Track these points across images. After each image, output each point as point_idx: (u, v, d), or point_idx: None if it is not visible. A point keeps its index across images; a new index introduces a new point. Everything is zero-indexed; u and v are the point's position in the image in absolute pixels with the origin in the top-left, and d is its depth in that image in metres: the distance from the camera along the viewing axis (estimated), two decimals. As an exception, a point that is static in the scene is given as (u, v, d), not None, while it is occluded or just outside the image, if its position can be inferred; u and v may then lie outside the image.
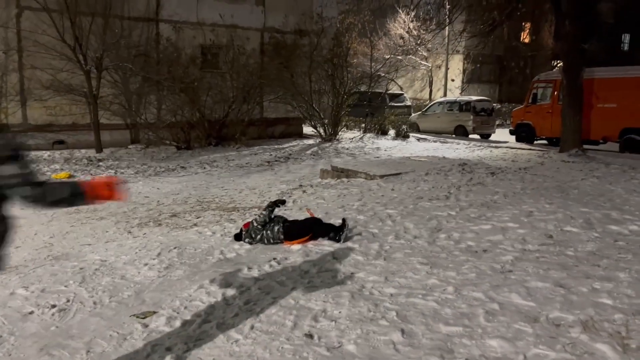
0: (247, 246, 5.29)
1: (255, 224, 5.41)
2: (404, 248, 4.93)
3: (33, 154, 13.93)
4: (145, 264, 4.75)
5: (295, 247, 5.11)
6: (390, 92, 25.61)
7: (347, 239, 5.24)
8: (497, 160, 13.22)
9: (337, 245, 5.12)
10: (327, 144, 17.53)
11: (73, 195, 2.38)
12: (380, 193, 8.67)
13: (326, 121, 18.80)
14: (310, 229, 5.38)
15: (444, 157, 12.90)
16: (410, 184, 9.36)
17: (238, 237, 5.57)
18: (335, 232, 5.34)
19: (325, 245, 5.11)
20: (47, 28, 13.84)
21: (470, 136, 20.89)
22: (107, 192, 2.41)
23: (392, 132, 20.32)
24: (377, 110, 22.48)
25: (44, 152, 14.35)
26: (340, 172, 10.99)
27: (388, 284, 3.94)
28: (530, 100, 18.58)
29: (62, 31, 13.76)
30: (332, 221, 5.75)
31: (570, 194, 7.81)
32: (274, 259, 4.77)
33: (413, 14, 22.60)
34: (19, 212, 7.59)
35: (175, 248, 5.34)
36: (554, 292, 3.62)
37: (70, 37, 13.89)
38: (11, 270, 4.94)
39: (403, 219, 6.18)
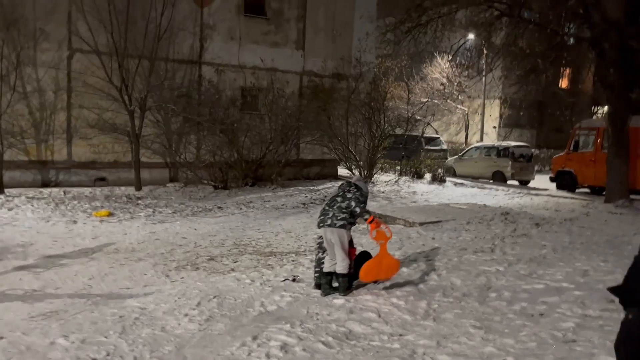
0: (288, 298, 5.13)
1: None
2: (454, 307, 4.69)
3: (75, 190, 14.24)
4: (186, 315, 4.63)
5: (338, 302, 4.93)
6: (426, 135, 25.47)
7: None
8: (539, 210, 12.78)
9: (381, 301, 4.91)
10: (363, 187, 17.38)
11: None
12: (420, 242, 8.45)
13: (361, 163, 18.71)
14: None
15: (484, 205, 12.57)
16: (451, 233, 9.11)
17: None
18: None
19: (369, 301, 4.92)
20: (96, 70, 14.35)
21: (509, 182, 20.43)
22: None
23: (428, 176, 20.05)
24: (413, 154, 22.31)
25: (86, 188, 14.64)
26: (378, 218, 10.79)
27: (441, 349, 3.71)
28: (571, 148, 18.11)
29: (110, 73, 14.24)
30: None
31: (623, 251, 7.41)
32: (317, 313, 4.59)
33: (451, 59, 22.66)
34: (60, 250, 7.59)
35: (215, 297, 5.22)
36: (625, 369, 3.32)
37: (118, 78, 14.35)
38: (52, 315, 4.90)
39: (449, 274, 5.93)
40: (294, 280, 5.81)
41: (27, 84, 14.15)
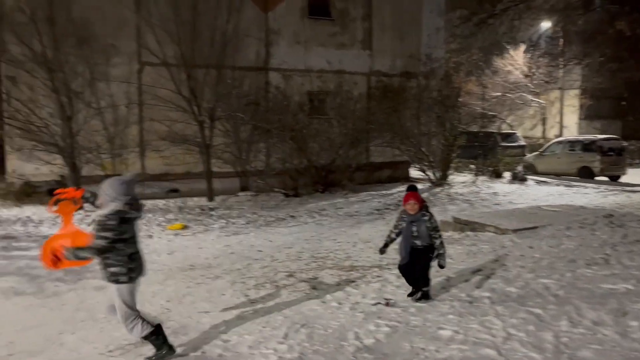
0: (385, 328, 4.52)
1: None
2: (589, 342, 3.90)
3: (150, 202, 14.30)
4: (274, 351, 4.13)
5: (445, 333, 4.26)
6: (501, 131, 24.10)
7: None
8: (643, 209, 11.47)
9: (494, 331, 4.20)
10: (438, 189, 16.49)
11: None
12: (517, 252, 7.59)
13: (434, 164, 17.80)
14: None
15: (581, 206, 11.40)
16: (550, 240, 8.16)
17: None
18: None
19: (480, 331, 4.21)
20: (165, 82, 14.39)
21: (597, 178, 18.84)
22: None
23: (507, 174, 18.85)
24: (489, 152, 21.10)
25: (159, 201, 14.69)
26: (464, 225, 9.97)
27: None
28: (672, 138, 16.36)
29: (178, 84, 14.24)
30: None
31: None
32: (422, 349, 3.94)
33: (530, 48, 21.17)
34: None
35: (302, 326, 4.70)
36: None
37: (186, 89, 14.32)
38: (130, 349, 4.55)
39: (568, 294, 5.10)
40: (387, 304, 5.19)
41: (101, 99, 14.37)
